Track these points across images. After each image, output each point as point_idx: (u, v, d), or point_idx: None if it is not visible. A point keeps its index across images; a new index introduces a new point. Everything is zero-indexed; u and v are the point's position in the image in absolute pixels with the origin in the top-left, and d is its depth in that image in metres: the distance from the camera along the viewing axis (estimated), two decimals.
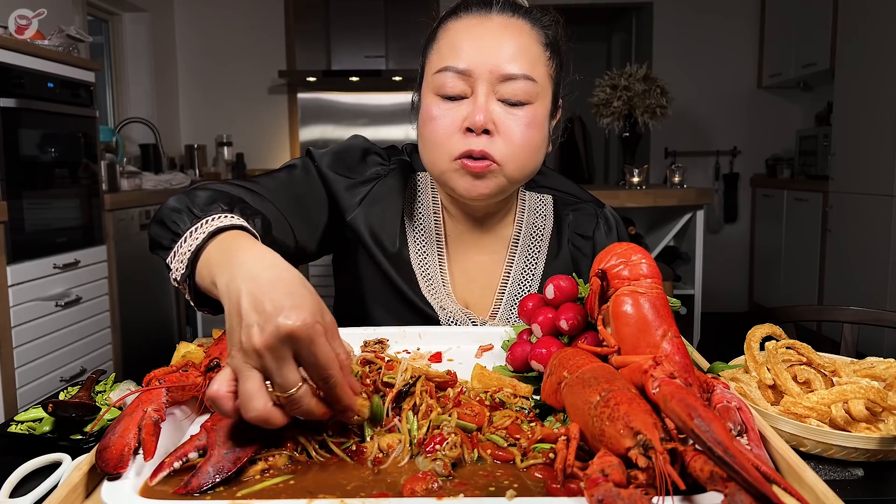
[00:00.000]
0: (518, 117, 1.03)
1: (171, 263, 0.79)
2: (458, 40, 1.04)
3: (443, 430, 0.63)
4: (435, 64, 1.05)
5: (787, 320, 1.44)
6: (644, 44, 5.49)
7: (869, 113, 3.80)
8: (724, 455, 0.48)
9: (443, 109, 1.03)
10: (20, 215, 2.47)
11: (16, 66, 2.47)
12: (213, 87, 5.17)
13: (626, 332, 0.70)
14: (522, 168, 1.06)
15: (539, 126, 1.05)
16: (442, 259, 1.18)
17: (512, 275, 1.18)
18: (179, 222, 0.81)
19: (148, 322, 3.52)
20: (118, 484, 0.56)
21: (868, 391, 0.71)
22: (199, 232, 0.77)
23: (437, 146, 1.05)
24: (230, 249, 0.72)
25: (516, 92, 1.02)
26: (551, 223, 1.22)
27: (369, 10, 4.96)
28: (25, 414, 0.79)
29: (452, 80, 1.02)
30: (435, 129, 1.04)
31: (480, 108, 1.00)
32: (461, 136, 1.02)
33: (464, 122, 1.02)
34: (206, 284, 0.74)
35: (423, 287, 1.15)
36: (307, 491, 0.56)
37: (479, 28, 1.04)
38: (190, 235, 0.78)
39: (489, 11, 1.06)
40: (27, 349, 2.47)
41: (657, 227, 3.81)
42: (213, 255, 0.74)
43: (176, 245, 0.79)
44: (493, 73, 1.01)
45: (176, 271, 0.78)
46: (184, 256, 0.77)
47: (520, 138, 1.03)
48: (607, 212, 1.26)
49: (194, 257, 0.75)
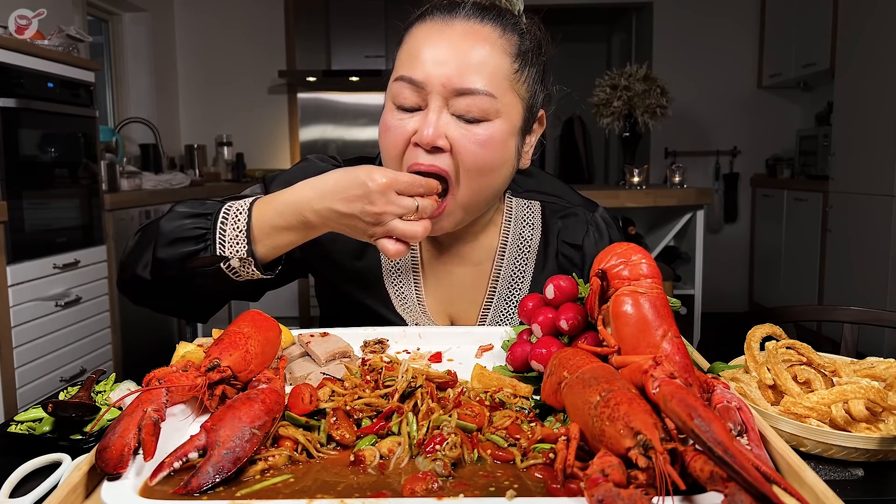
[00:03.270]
0: (473, 135, 0.95)
1: (225, 251, 0.90)
2: (417, 48, 0.97)
3: (443, 431, 0.63)
4: (396, 71, 1.00)
5: (787, 320, 1.43)
6: (644, 44, 5.49)
7: (869, 113, 3.80)
8: (724, 455, 0.48)
9: (395, 120, 0.98)
10: (20, 215, 2.47)
11: (16, 65, 2.47)
12: (213, 87, 5.17)
13: (626, 332, 0.70)
14: (476, 191, 0.98)
15: (498, 145, 0.97)
16: (416, 273, 1.12)
17: (498, 289, 1.12)
18: (196, 226, 0.92)
19: (148, 322, 3.52)
20: (118, 484, 0.56)
21: (868, 391, 0.71)
22: (235, 214, 0.91)
23: (388, 161, 1.01)
24: (283, 199, 0.91)
25: (471, 108, 0.94)
26: (539, 232, 1.15)
27: (369, 10, 4.96)
28: (25, 414, 0.79)
29: (407, 91, 0.96)
30: (387, 142, 0.99)
31: (430, 122, 0.94)
32: (411, 150, 0.97)
33: (413, 135, 0.96)
34: (279, 239, 0.91)
35: (395, 303, 1.11)
36: (307, 491, 0.56)
37: (438, 36, 0.96)
38: (223, 224, 0.91)
39: (453, 17, 0.98)
40: (27, 349, 2.47)
41: (657, 227, 3.81)
42: (270, 217, 0.91)
43: (213, 240, 0.91)
44: (447, 87, 0.94)
45: (236, 253, 0.90)
46: (238, 235, 0.90)
47: (473, 158, 0.95)
48: (598, 217, 1.18)
49: (248, 232, 0.90)
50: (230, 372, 0.71)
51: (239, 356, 0.73)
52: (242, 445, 0.59)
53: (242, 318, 0.81)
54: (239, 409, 0.62)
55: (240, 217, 0.91)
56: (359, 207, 0.87)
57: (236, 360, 0.72)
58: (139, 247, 0.98)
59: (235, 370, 0.72)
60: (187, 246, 0.92)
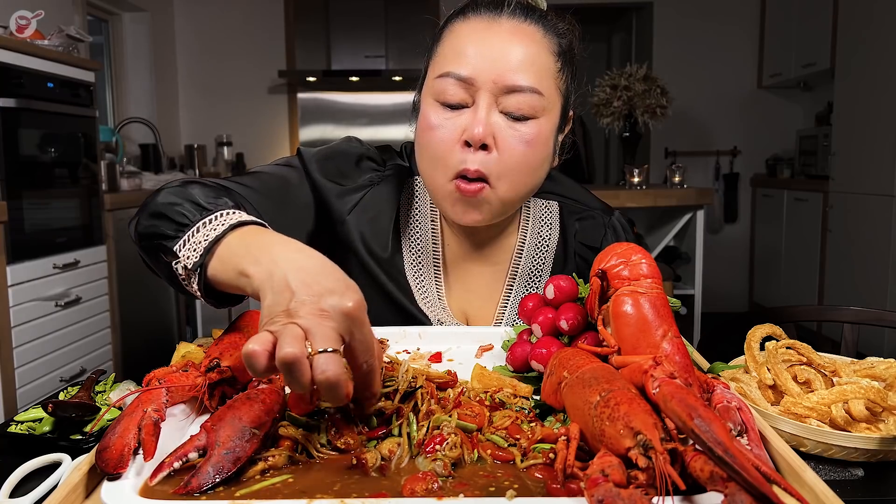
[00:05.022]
0: (520, 133, 0.96)
1: (180, 251, 0.77)
2: (463, 45, 0.97)
3: (443, 431, 0.63)
4: (437, 68, 0.99)
5: (787, 320, 1.43)
6: (644, 44, 5.49)
7: (869, 113, 3.80)
8: (724, 455, 0.48)
9: (441, 118, 0.97)
10: (20, 215, 2.47)
11: (16, 66, 2.47)
12: (213, 87, 5.17)
13: (627, 332, 0.70)
14: (517, 188, 0.99)
15: (542, 143, 0.98)
16: (438, 269, 1.12)
17: (515, 288, 1.13)
18: (185, 213, 0.79)
19: (148, 322, 3.52)
20: (118, 484, 0.56)
21: (868, 391, 0.71)
22: (217, 223, 0.76)
23: (433, 160, 0.99)
24: (261, 243, 0.71)
25: (521, 105, 0.95)
26: (557, 233, 1.16)
27: (369, 10, 4.96)
28: (25, 414, 0.79)
29: (453, 88, 0.95)
30: (432, 141, 0.98)
31: (480, 120, 0.94)
32: (459, 150, 0.96)
33: (462, 133, 0.95)
34: (225, 275, 0.73)
35: (417, 297, 1.11)
36: (307, 491, 0.56)
37: (485, 32, 0.97)
38: (203, 226, 0.76)
39: (499, 14, 0.98)
40: (27, 349, 2.47)
41: (657, 227, 3.81)
42: (237, 247, 0.73)
43: (185, 235, 0.77)
44: (497, 84, 0.94)
45: (185, 258, 0.76)
46: (198, 245, 0.75)
47: (518, 156, 0.96)
48: (615, 220, 1.19)
49: (210, 247, 0.74)
50: (230, 372, 0.71)
51: (239, 356, 0.73)
52: (242, 445, 0.59)
53: (242, 319, 0.81)
54: (239, 409, 0.62)
55: (217, 228, 0.76)
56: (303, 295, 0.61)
57: (236, 360, 0.72)
58: (140, 207, 0.89)
59: (235, 370, 0.72)
60: (163, 226, 0.81)
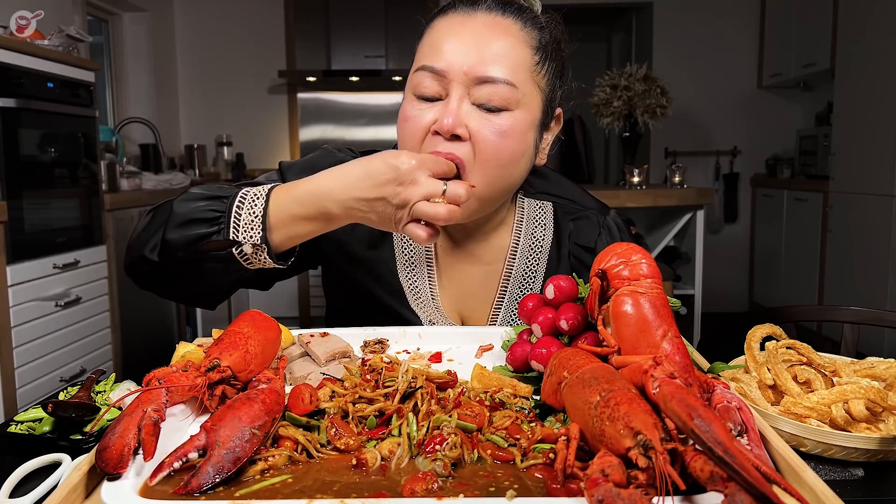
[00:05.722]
0: (494, 124, 0.96)
1: (237, 236, 0.88)
2: (439, 39, 0.99)
3: (443, 431, 0.63)
4: (416, 62, 1.01)
5: (787, 320, 1.43)
6: (644, 44, 5.49)
7: (869, 113, 3.80)
8: (725, 455, 0.48)
9: (416, 110, 0.99)
10: (20, 215, 2.47)
11: (16, 66, 2.47)
12: (213, 87, 5.17)
13: (627, 332, 0.70)
14: (492, 182, 0.98)
15: (517, 136, 0.98)
16: (431, 270, 1.12)
17: (509, 289, 1.12)
18: (212, 209, 0.90)
19: (148, 322, 3.52)
20: (118, 484, 0.56)
21: (868, 391, 0.71)
22: (251, 201, 0.90)
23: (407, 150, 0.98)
24: (302, 189, 0.89)
25: (492, 97, 0.95)
26: (551, 233, 1.15)
27: (369, 10, 4.96)
28: (25, 414, 0.79)
29: (428, 80, 0.97)
30: (405, 131, 1.00)
31: (451, 111, 0.95)
32: (430, 139, 0.97)
33: (433, 124, 0.97)
34: (295, 229, 0.90)
35: (409, 298, 1.11)
36: (307, 491, 0.56)
37: (461, 27, 0.99)
38: (239, 209, 0.89)
39: (475, 9, 1.00)
40: (27, 349, 2.47)
41: (657, 227, 3.81)
42: (287, 204, 0.89)
43: (229, 223, 0.89)
44: (469, 75, 0.95)
45: (250, 239, 0.88)
46: (252, 223, 0.88)
47: (492, 146, 0.96)
48: (610, 220, 1.19)
49: (264, 219, 0.88)
50: (230, 372, 0.71)
51: (239, 356, 0.73)
52: (242, 445, 0.59)
53: (242, 318, 0.81)
54: (239, 409, 0.62)
55: (256, 202, 0.89)
56: (389, 190, 0.86)
57: (236, 361, 0.72)
58: (149, 228, 0.96)
59: (235, 370, 0.72)
60: (200, 228, 0.90)
